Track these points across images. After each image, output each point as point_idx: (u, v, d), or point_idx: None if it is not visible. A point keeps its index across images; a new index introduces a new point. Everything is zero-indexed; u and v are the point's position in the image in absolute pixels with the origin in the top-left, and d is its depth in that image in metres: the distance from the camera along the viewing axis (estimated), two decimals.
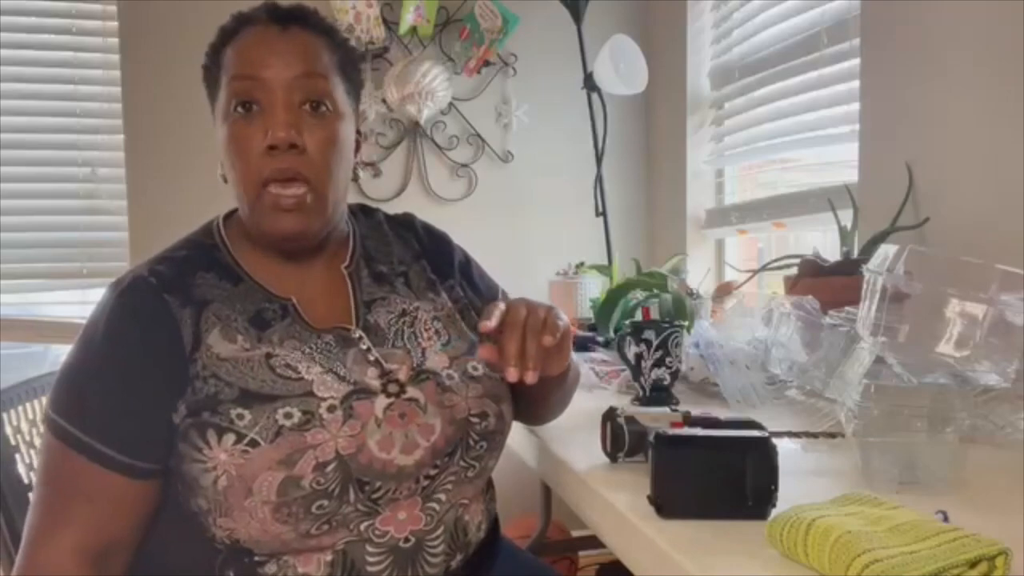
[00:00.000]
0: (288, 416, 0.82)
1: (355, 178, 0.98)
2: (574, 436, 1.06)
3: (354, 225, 1.03)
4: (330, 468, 0.81)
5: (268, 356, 0.86)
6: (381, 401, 0.87)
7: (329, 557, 0.84)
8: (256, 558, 0.83)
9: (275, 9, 0.91)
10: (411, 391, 0.89)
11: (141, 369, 0.83)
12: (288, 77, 0.87)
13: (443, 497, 0.90)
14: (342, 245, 0.99)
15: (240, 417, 0.81)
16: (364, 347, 0.91)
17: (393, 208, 1.13)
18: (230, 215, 0.98)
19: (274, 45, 0.88)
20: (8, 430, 1.24)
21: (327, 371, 0.87)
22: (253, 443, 0.80)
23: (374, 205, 1.11)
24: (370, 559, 0.85)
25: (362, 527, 0.84)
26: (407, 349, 0.94)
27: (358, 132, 0.98)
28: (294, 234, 0.90)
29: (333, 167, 0.89)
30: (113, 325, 0.84)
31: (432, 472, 0.88)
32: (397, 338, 0.94)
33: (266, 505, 0.80)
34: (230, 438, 0.81)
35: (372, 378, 0.89)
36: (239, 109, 0.88)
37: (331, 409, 0.84)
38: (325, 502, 0.81)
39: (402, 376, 0.90)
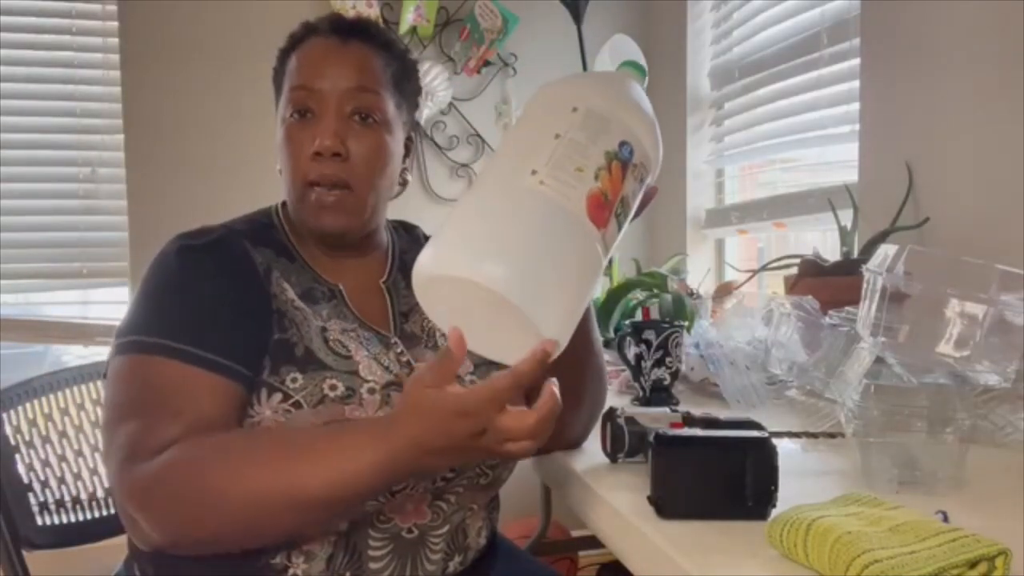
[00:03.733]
0: (333, 388, 0.86)
1: (403, 183, 1.02)
2: None
3: (395, 239, 1.06)
4: None
5: (323, 329, 0.90)
6: None
7: (333, 536, 0.86)
8: None
9: (339, 21, 0.96)
10: None
11: (218, 286, 0.87)
12: (341, 89, 0.92)
13: (452, 498, 0.93)
14: (382, 258, 1.03)
15: (293, 380, 0.85)
16: (398, 350, 0.95)
17: (393, 208, 1.13)
18: (285, 203, 1.02)
19: (332, 58, 0.93)
20: (8, 430, 1.24)
21: (373, 358, 0.91)
22: (297, 405, 0.84)
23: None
24: (372, 543, 0.87)
25: (370, 508, 0.87)
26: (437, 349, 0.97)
27: (409, 139, 1.02)
28: (333, 230, 0.94)
29: (375, 175, 0.94)
30: (187, 256, 0.88)
31: (449, 475, 0.91)
32: (429, 339, 0.98)
33: None
34: (277, 397, 0.85)
35: (406, 377, 0.92)
36: (295, 115, 0.93)
37: (371, 391, 0.88)
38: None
39: None
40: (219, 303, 0.86)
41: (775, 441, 0.73)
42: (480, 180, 0.75)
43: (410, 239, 1.09)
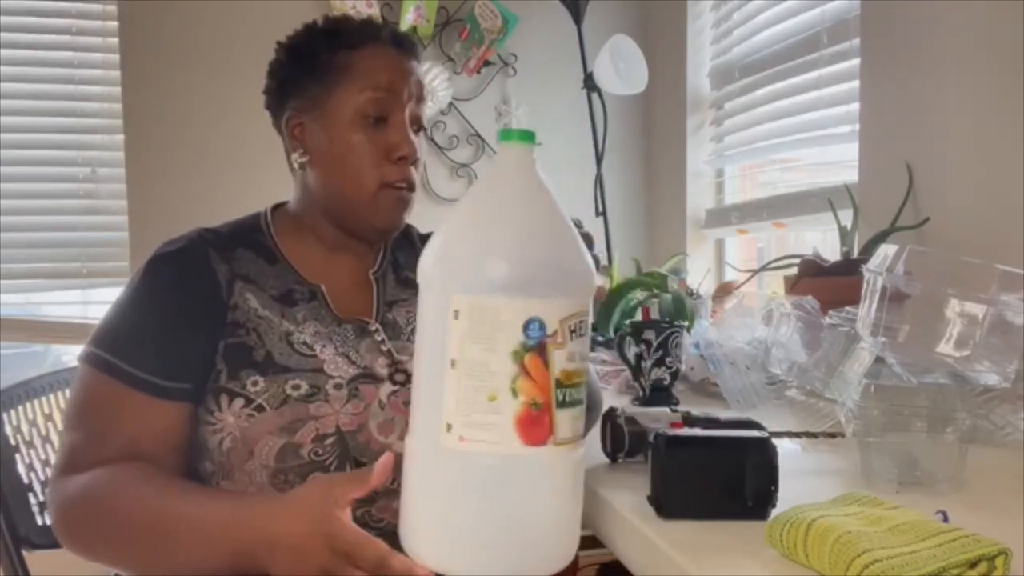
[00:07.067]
0: (296, 388, 0.88)
1: None
2: None
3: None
4: (329, 441, 0.87)
5: (288, 333, 0.92)
6: (386, 387, 0.93)
7: None
8: None
9: (395, 31, 1.00)
10: None
11: (173, 299, 0.90)
12: (413, 98, 0.97)
13: None
14: (376, 252, 1.05)
15: (254, 384, 0.87)
16: (379, 338, 0.97)
17: None
18: (276, 208, 1.04)
19: (403, 67, 0.97)
20: (8, 430, 1.24)
21: (340, 354, 0.92)
22: (259, 408, 0.86)
23: None
24: None
25: (358, 512, 0.87)
26: None
27: None
28: (398, 228, 1.00)
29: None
30: (152, 266, 0.92)
31: None
32: (412, 334, 0.99)
33: (265, 469, 0.85)
34: (239, 402, 0.87)
35: (381, 366, 0.95)
36: (372, 119, 0.95)
37: (337, 387, 0.90)
38: (321, 475, 0.85)
39: (410, 367, 0.94)
40: (169, 317, 0.89)
41: (775, 441, 0.73)
42: (411, 428, 0.68)
43: (404, 237, 1.11)
